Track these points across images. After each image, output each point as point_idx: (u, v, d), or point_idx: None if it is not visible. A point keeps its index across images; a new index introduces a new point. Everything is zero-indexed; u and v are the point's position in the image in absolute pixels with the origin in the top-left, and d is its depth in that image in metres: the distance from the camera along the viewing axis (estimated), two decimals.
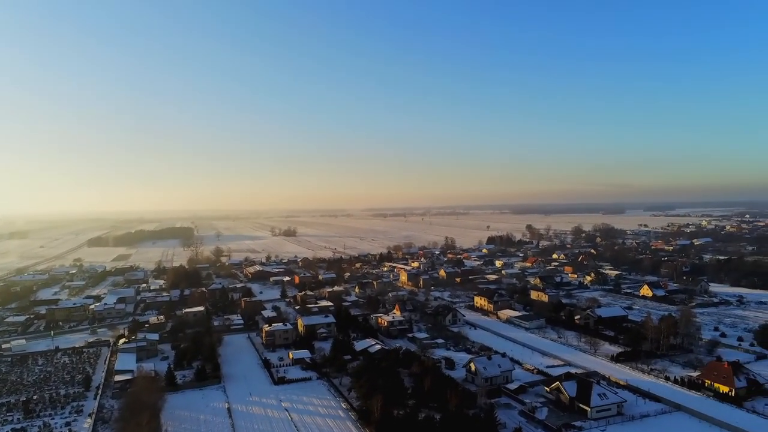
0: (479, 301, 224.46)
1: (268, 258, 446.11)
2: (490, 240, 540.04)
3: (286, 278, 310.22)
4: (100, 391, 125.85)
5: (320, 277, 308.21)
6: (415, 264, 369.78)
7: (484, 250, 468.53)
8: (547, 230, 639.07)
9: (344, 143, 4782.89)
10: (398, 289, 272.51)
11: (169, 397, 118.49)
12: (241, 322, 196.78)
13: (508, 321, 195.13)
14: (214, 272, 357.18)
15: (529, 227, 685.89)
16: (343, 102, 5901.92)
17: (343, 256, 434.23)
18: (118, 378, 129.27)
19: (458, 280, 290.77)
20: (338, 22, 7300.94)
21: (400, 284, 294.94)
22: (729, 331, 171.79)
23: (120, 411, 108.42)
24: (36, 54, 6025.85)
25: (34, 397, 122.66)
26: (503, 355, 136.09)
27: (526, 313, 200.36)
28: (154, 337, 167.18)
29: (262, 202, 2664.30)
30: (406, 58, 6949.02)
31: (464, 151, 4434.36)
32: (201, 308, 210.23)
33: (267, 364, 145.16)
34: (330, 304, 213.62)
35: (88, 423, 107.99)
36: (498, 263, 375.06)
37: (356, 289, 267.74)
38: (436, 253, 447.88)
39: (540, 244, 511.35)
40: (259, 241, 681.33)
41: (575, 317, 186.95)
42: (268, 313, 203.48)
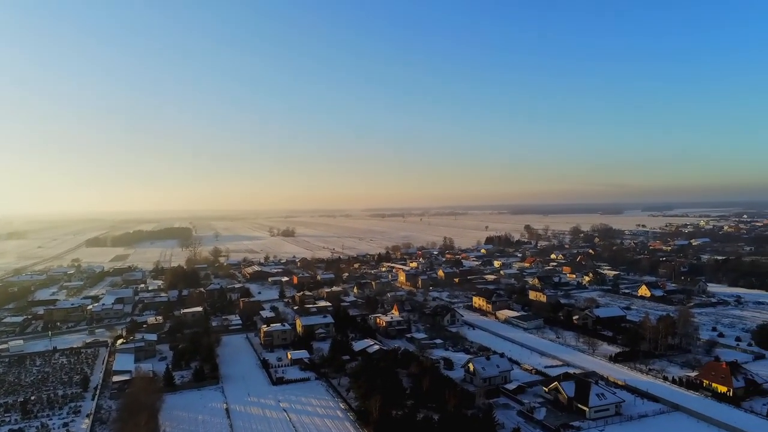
0: (478, 302, 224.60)
1: (267, 258, 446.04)
2: (489, 240, 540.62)
3: (285, 278, 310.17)
4: (98, 392, 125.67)
5: (319, 278, 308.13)
6: (414, 264, 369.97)
7: (483, 251, 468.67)
8: (545, 230, 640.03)
9: (343, 143, 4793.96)
10: (397, 290, 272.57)
11: (168, 397, 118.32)
12: (240, 322, 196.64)
13: (507, 321, 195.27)
14: (212, 272, 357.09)
15: (528, 227, 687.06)
16: (343, 102, 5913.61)
17: (341, 257, 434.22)
18: (116, 378, 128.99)
19: (457, 280, 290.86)
20: (338, 22, 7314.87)
21: (398, 284, 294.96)
22: (727, 331, 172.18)
23: (118, 411, 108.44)
24: (36, 54, 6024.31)
25: (32, 398, 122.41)
26: (502, 356, 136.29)
27: (524, 314, 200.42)
28: (152, 337, 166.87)
29: (261, 203, 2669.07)
30: (406, 58, 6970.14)
31: (463, 151, 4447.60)
32: (199, 309, 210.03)
33: (265, 365, 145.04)
34: (328, 304, 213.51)
35: (86, 423, 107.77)
36: (496, 263, 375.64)
37: (355, 290, 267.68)
38: (435, 253, 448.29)
39: (538, 245, 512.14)
40: (257, 242, 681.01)
41: (573, 317, 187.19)
42: (267, 314, 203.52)
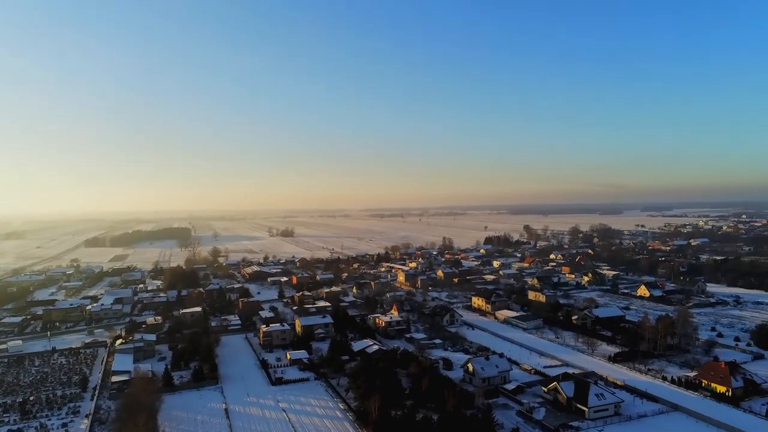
0: (477, 302, 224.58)
1: (266, 258, 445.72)
2: (488, 240, 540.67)
3: (284, 279, 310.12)
4: (97, 392, 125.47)
5: (318, 278, 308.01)
6: (413, 264, 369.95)
7: (482, 251, 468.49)
8: (544, 231, 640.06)
9: (343, 143, 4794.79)
10: (396, 290, 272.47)
11: (167, 397, 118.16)
12: (239, 322, 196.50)
13: (506, 321, 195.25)
14: (211, 273, 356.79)
15: (527, 228, 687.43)
16: (343, 102, 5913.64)
17: (340, 257, 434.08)
18: (115, 379, 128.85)
19: (456, 280, 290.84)
20: (337, 23, 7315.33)
21: (397, 285, 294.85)
22: (726, 331, 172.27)
23: (117, 412, 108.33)
24: (35, 54, 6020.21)
25: (31, 398, 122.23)
26: (501, 356, 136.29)
27: (523, 314, 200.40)
28: (152, 337, 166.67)
29: (260, 203, 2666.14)
30: (406, 59, 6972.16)
31: (462, 151, 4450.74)
32: (198, 309, 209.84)
33: (264, 365, 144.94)
34: (328, 304, 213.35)
35: (85, 424, 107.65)
36: (496, 264, 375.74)
37: (354, 290, 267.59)
38: (434, 253, 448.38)
39: (537, 245, 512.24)
40: (256, 242, 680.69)
41: (573, 317, 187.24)
42: (266, 314, 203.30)
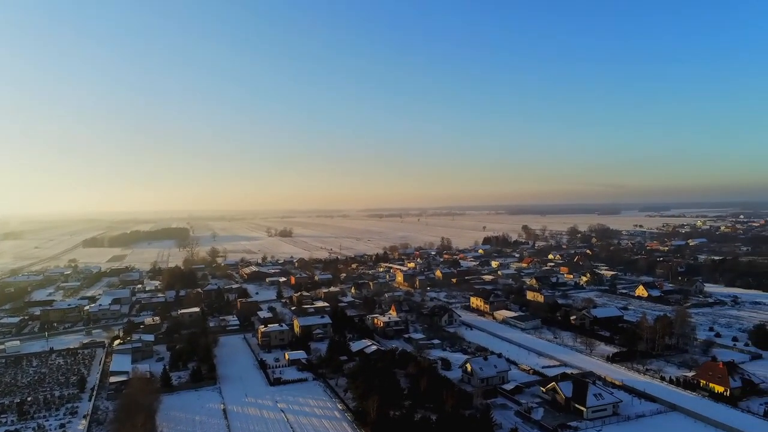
0: (475, 302, 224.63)
1: (264, 259, 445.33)
2: (486, 240, 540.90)
3: (282, 279, 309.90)
4: (95, 393, 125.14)
5: (316, 278, 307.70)
6: (411, 264, 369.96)
7: (480, 251, 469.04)
8: (542, 231, 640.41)
9: (342, 144, 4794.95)
10: (394, 290, 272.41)
11: (165, 398, 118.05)
12: (237, 323, 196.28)
13: (504, 321, 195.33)
14: (209, 273, 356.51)
15: (525, 228, 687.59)
16: (342, 103, 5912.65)
17: (339, 257, 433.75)
18: (113, 379, 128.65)
19: (454, 280, 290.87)
20: (337, 24, 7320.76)
21: (396, 285, 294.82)
22: (724, 332, 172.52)
23: (115, 412, 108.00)
24: (34, 54, 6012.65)
25: (29, 399, 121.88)
26: (499, 356, 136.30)
27: (522, 314, 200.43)
28: (150, 338, 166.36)
29: (259, 203, 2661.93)
30: (405, 59, 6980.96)
31: (462, 151, 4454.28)
32: (196, 309, 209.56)
33: (263, 365, 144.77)
34: (326, 304, 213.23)
35: (82, 424, 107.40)
36: (494, 264, 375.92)
37: (352, 290, 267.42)
38: (432, 253, 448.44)
39: (536, 245, 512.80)
40: (255, 242, 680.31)
41: (571, 318, 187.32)
42: (264, 314, 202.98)
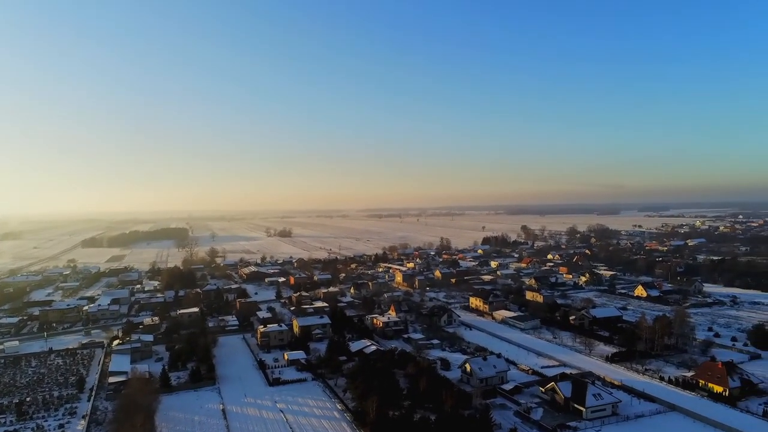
0: (474, 302, 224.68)
1: (263, 259, 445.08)
2: (486, 241, 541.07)
3: (282, 279, 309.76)
4: (93, 393, 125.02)
5: (315, 278, 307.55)
6: (411, 265, 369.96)
7: (480, 251, 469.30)
8: (542, 231, 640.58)
9: (341, 144, 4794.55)
10: (393, 290, 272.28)
11: (164, 398, 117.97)
12: (236, 323, 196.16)
13: (504, 322, 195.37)
14: (208, 273, 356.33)
15: (524, 228, 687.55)
16: (342, 103, 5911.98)
17: (338, 257, 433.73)
18: (112, 379, 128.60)
19: (453, 280, 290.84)
20: (336, 24, 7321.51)
21: (395, 285, 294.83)
22: (723, 332, 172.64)
23: (114, 413, 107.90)
24: (33, 54, 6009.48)
25: (27, 399, 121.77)
26: (498, 356, 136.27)
27: (521, 314, 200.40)
28: (149, 338, 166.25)
29: (259, 203, 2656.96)
30: (405, 59, 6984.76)
31: (461, 151, 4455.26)
32: (196, 309, 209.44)
33: (262, 366, 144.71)
34: (325, 305, 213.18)
35: (81, 425, 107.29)
36: (493, 264, 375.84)
37: (351, 290, 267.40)
38: (432, 253, 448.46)
39: (535, 245, 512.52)
40: (254, 242, 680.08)
41: (570, 318, 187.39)
42: (263, 314, 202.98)
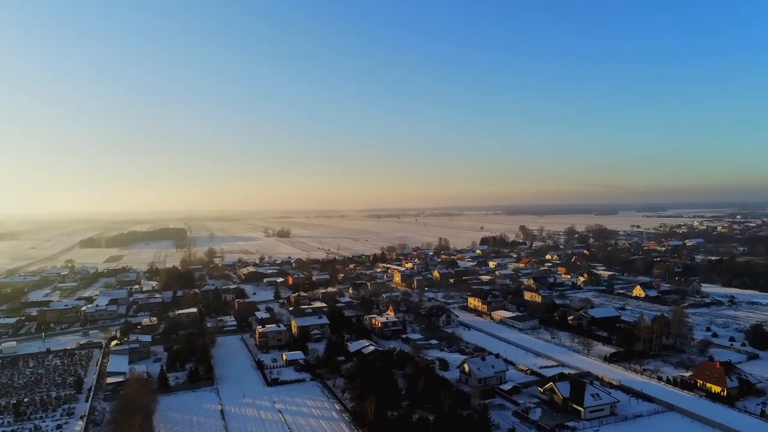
0: (473, 302, 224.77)
1: (262, 259, 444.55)
2: (484, 241, 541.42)
3: (280, 279, 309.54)
4: (91, 394, 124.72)
5: (314, 278, 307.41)
6: (409, 265, 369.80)
7: (478, 251, 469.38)
8: (540, 231, 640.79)
9: (340, 144, 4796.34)
10: (392, 290, 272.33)
11: (162, 399, 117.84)
12: (235, 323, 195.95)
13: (502, 322, 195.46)
14: (207, 273, 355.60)
15: (523, 228, 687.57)
16: (342, 103, 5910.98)
17: (336, 257, 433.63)
18: (110, 380, 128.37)
19: (452, 281, 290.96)
20: (337, 24, 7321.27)
21: (393, 285, 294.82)
22: (721, 332, 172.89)
23: (112, 413, 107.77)
24: (33, 54, 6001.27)
25: (25, 400, 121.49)
26: (497, 356, 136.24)
27: (519, 314, 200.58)
28: (147, 338, 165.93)
29: (259, 203, 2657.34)
30: (405, 60, 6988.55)
31: (461, 151, 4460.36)
32: (194, 310, 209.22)
33: (260, 366, 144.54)
34: (324, 305, 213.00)
35: (79, 425, 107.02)
36: (491, 264, 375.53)
37: (350, 290, 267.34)
38: (430, 254, 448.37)
39: (533, 245, 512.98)
40: (252, 242, 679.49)
41: (568, 318, 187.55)
42: (262, 315, 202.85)
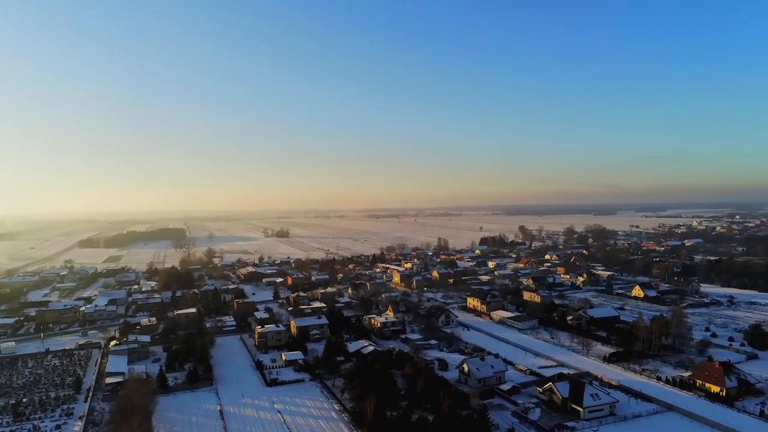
0: (472, 302, 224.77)
1: (261, 259, 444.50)
2: (483, 241, 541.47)
3: (279, 279, 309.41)
4: (90, 394, 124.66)
5: (313, 279, 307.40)
6: (408, 265, 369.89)
7: (477, 251, 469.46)
8: (539, 231, 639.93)
9: (339, 144, 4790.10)
10: (391, 291, 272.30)
11: (161, 399, 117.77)
12: (234, 323, 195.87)
13: (501, 322, 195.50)
14: (206, 273, 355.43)
15: (522, 228, 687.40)
16: (342, 103, 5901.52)
17: (336, 257, 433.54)
18: (109, 380, 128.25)
19: (451, 281, 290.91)
20: (337, 24, 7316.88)
21: (393, 285, 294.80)
22: (720, 332, 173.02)
23: (111, 414, 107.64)
24: (33, 54, 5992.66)
25: (24, 400, 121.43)
26: (496, 356, 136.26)
27: (518, 314, 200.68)
28: (146, 338, 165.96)
29: (258, 203, 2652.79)
30: (406, 59, 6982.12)
31: (461, 151, 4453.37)
32: (193, 310, 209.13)
33: (259, 366, 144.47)
34: (323, 305, 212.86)
35: (78, 426, 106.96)
36: (491, 264, 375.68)
37: (349, 291, 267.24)
38: (429, 254, 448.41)
39: (532, 245, 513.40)
40: (251, 242, 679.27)
41: (568, 318, 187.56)
42: (261, 315, 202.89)
